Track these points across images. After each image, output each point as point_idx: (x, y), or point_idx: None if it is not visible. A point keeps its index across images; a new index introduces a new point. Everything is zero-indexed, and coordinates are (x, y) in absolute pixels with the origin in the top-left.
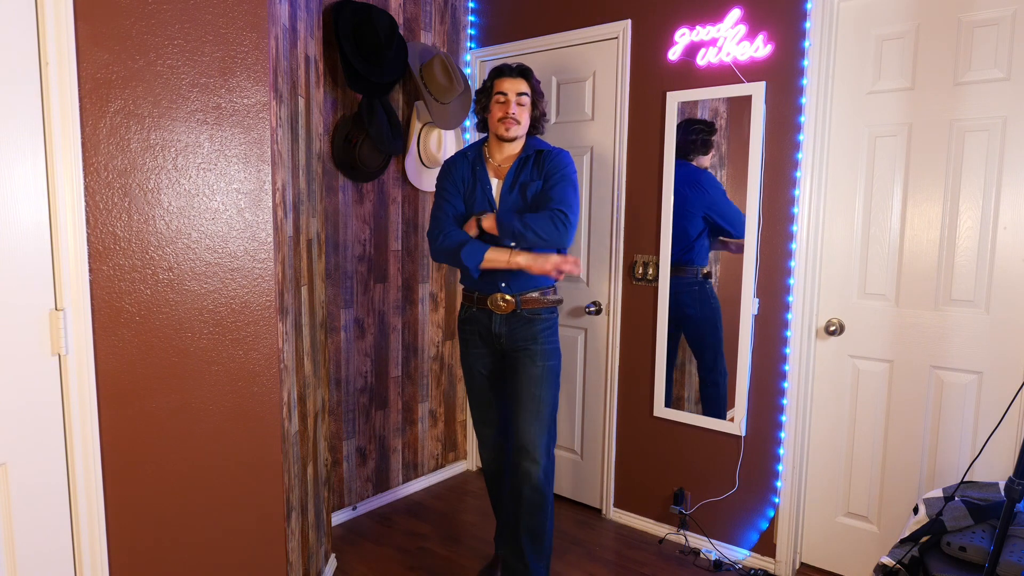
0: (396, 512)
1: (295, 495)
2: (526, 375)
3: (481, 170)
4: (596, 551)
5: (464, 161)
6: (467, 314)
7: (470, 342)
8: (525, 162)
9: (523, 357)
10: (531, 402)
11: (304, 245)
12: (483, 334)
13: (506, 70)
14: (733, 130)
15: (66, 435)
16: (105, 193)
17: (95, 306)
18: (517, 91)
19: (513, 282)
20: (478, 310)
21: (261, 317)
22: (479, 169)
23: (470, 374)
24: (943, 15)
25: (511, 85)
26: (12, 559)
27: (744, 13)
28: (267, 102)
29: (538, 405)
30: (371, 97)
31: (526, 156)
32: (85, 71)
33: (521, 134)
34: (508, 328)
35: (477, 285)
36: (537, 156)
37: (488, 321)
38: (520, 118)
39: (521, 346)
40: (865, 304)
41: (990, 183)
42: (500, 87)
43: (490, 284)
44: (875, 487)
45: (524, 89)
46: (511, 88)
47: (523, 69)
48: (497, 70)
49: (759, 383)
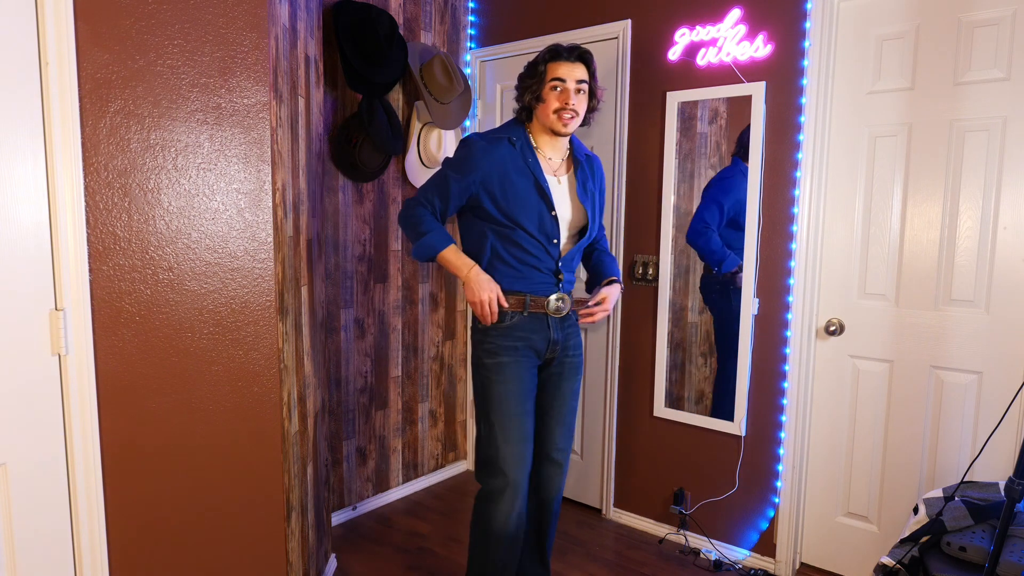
0: (396, 512)
1: (295, 495)
2: (570, 389)
3: (535, 163)
4: (596, 551)
5: (507, 146)
6: (514, 321)
7: (520, 354)
8: (583, 166)
9: (568, 368)
10: (570, 415)
11: (304, 245)
12: (536, 344)
13: (563, 52)
14: (733, 130)
15: (66, 435)
16: (105, 193)
17: (95, 306)
18: (576, 78)
19: (566, 279)
20: (530, 315)
21: (261, 317)
22: (532, 161)
23: (518, 389)
24: (943, 15)
25: (569, 71)
26: (12, 559)
27: (744, 13)
28: (267, 102)
29: (572, 418)
30: (371, 97)
31: (581, 158)
32: (85, 71)
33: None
34: (563, 333)
35: (529, 286)
36: (588, 161)
37: (544, 328)
38: (579, 109)
39: (571, 355)
40: (865, 304)
41: (990, 183)
42: (556, 72)
43: (545, 285)
44: (875, 487)
45: (584, 76)
46: (569, 74)
47: (582, 52)
48: (552, 51)
49: (759, 383)
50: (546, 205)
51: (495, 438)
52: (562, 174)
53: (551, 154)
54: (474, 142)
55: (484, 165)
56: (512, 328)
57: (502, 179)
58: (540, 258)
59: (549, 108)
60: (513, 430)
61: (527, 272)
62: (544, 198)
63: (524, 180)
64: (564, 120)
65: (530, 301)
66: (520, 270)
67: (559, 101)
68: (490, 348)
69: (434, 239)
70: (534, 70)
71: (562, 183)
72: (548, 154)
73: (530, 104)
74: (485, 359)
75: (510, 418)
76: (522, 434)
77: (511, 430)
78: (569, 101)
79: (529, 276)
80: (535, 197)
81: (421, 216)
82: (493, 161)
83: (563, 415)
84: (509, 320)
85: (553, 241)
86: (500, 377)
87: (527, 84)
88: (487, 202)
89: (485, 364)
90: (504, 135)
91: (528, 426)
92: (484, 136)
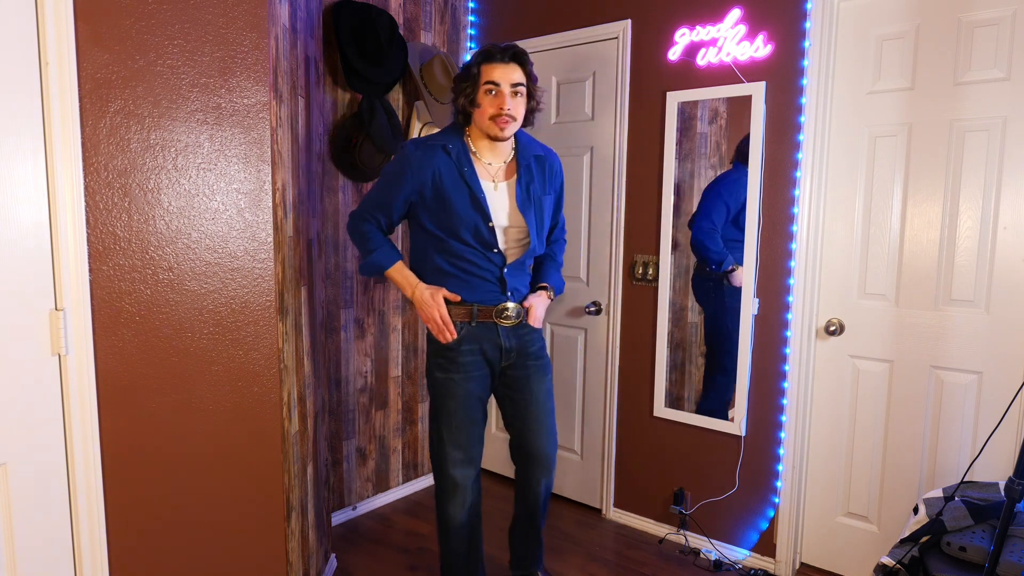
0: (396, 512)
1: (295, 495)
2: (541, 390)
3: (470, 172)
4: (596, 551)
5: (442, 156)
6: (465, 332)
7: (471, 365)
8: (528, 169)
9: (533, 372)
10: (547, 417)
11: (304, 245)
12: (489, 353)
13: (496, 53)
14: (733, 130)
15: (66, 435)
16: (105, 193)
17: (95, 306)
18: (512, 81)
19: (517, 288)
20: (479, 325)
21: (261, 317)
22: (467, 171)
23: (461, 402)
24: (943, 15)
25: (504, 73)
26: (12, 559)
27: (744, 13)
28: (267, 102)
29: (549, 418)
30: (371, 97)
31: (528, 161)
32: (85, 71)
33: (512, 133)
34: (517, 341)
35: (476, 296)
36: (538, 162)
37: (495, 337)
38: (516, 114)
39: (532, 360)
40: (865, 304)
41: (990, 183)
42: (490, 75)
43: (492, 293)
44: (875, 487)
45: (519, 78)
46: (504, 77)
47: (516, 52)
48: (485, 53)
49: (759, 383)
50: (481, 216)
51: (444, 445)
52: (501, 180)
53: (491, 159)
54: (409, 152)
55: (417, 175)
56: (462, 340)
57: (436, 189)
58: (483, 266)
59: (485, 113)
60: (461, 438)
61: (472, 281)
62: (479, 209)
63: (458, 190)
64: (500, 125)
65: (477, 311)
66: (464, 279)
67: (494, 106)
68: (441, 363)
69: (380, 257)
70: (468, 72)
71: (499, 190)
72: (487, 159)
73: (464, 108)
74: (437, 373)
75: (458, 429)
76: (468, 440)
77: (459, 438)
78: (504, 106)
79: (475, 285)
80: (469, 208)
81: (368, 232)
82: (425, 171)
83: (540, 417)
84: (459, 332)
85: (493, 250)
86: (449, 392)
87: (462, 87)
88: (422, 212)
89: (437, 378)
90: (440, 142)
91: (475, 432)
92: (419, 144)
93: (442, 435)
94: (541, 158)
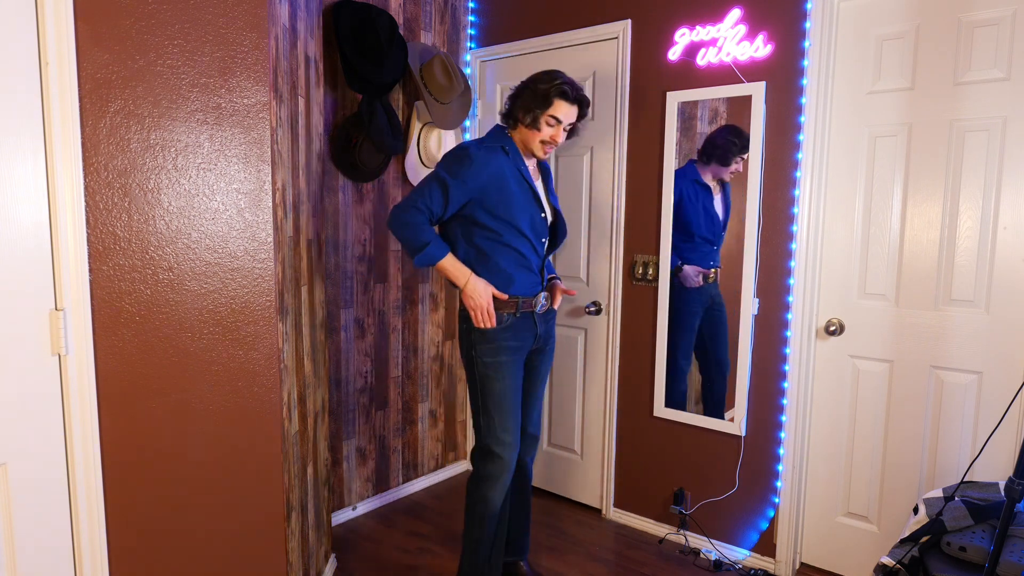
0: (396, 512)
1: (295, 495)
2: (545, 371)
3: (526, 170)
4: (596, 551)
5: (502, 156)
6: (509, 323)
7: (516, 351)
8: (547, 171)
9: (547, 355)
10: (541, 395)
11: (304, 245)
12: (526, 341)
13: (570, 94)
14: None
15: (66, 435)
16: (105, 193)
17: (95, 306)
18: (570, 120)
19: (545, 277)
20: (522, 316)
21: (261, 317)
22: (524, 169)
23: (510, 385)
24: (943, 15)
25: (568, 113)
26: (12, 559)
27: (744, 13)
28: (267, 102)
29: (543, 398)
30: (371, 97)
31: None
32: (85, 71)
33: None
34: (545, 327)
35: (519, 288)
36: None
37: (532, 326)
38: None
39: (551, 344)
40: (865, 304)
41: (990, 183)
42: (558, 111)
43: (532, 284)
44: (875, 487)
45: (575, 118)
46: (568, 116)
47: (582, 99)
48: (561, 90)
49: (759, 383)
50: (538, 207)
51: (494, 428)
52: (537, 179)
53: (528, 162)
54: (473, 152)
55: (484, 175)
56: (507, 329)
57: (500, 187)
58: (530, 259)
59: (537, 136)
60: (510, 421)
61: (518, 275)
62: (537, 201)
63: (520, 186)
64: (545, 151)
65: (522, 303)
66: (512, 274)
67: (549, 137)
68: (490, 348)
69: (434, 249)
70: (540, 95)
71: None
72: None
73: (521, 120)
74: (485, 358)
75: (508, 412)
76: (516, 423)
77: (509, 421)
78: (558, 139)
79: (520, 279)
80: (529, 201)
81: (421, 224)
82: (492, 170)
83: (539, 396)
84: (505, 322)
85: (542, 240)
86: (499, 375)
87: (528, 106)
88: (481, 210)
89: (485, 363)
90: (497, 144)
91: (520, 415)
92: (480, 146)
93: (492, 419)
94: (545, 164)
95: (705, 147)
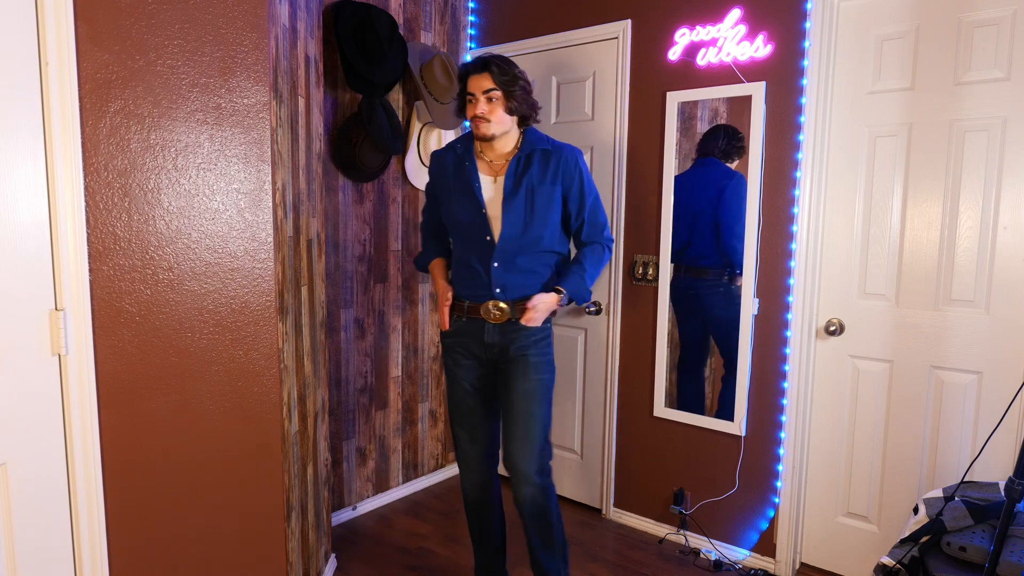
0: (396, 512)
1: (295, 495)
2: (518, 390)
3: (471, 165)
4: (596, 551)
5: (451, 154)
6: (456, 326)
7: (458, 356)
8: (527, 161)
9: (515, 370)
10: (522, 419)
11: (304, 245)
12: (472, 347)
13: (470, 66)
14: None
15: (66, 435)
16: (105, 193)
17: (95, 306)
18: (482, 88)
19: (510, 287)
20: (468, 320)
21: (261, 317)
22: (468, 164)
23: (456, 388)
24: (943, 15)
25: (475, 83)
26: (12, 559)
27: (744, 13)
28: (267, 102)
29: (528, 423)
30: (371, 97)
31: (527, 153)
32: (85, 71)
33: (498, 132)
34: (501, 338)
35: (467, 291)
36: (543, 155)
37: (479, 332)
38: (491, 116)
39: (514, 357)
40: (865, 304)
41: (990, 183)
42: (468, 87)
43: (483, 290)
44: (875, 487)
45: (488, 84)
46: (476, 86)
47: (484, 62)
48: (463, 67)
49: (759, 383)
50: (475, 203)
51: (452, 424)
52: (501, 174)
53: (491, 157)
54: (432, 155)
55: (433, 174)
56: (455, 333)
57: (443, 185)
58: (471, 260)
59: (470, 118)
60: (463, 419)
61: (460, 276)
62: (471, 194)
63: (460, 180)
64: (477, 125)
65: (467, 307)
66: (462, 276)
67: (471, 112)
68: (444, 349)
69: (422, 256)
70: (459, 84)
71: (498, 183)
72: (489, 157)
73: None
74: (444, 359)
75: (456, 410)
76: (469, 422)
77: (460, 419)
78: (478, 111)
79: (461, 281)
80: (465, 196)
81: (423, 231)
82: (441, 169)
83: (518, 420)
84: (453, 324)
85: (486, 239)
86: (449, 378)
87: (459, 99)
88: (441, 209)
89: (444, 364)
90: (453, 143)
91: (474, 416)
92: (442, 147)
93: (452, 415)
94: (547, 151)
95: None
